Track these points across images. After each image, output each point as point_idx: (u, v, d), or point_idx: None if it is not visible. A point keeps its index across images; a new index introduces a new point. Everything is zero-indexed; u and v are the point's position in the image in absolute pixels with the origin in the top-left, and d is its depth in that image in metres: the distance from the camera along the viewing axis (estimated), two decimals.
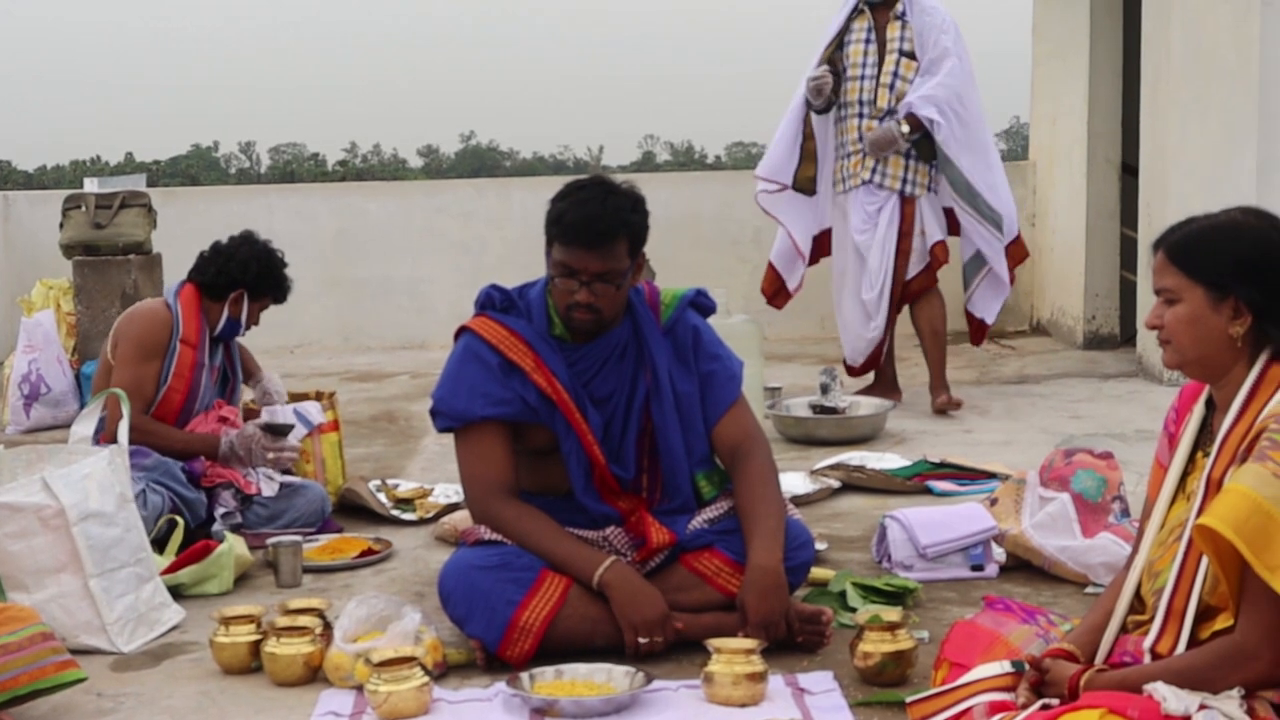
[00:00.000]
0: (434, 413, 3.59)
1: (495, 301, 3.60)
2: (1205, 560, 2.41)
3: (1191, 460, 2.60)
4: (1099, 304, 8.61)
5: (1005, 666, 2.61)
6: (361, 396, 7.49)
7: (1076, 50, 8.68)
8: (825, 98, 6.51)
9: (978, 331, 6.91)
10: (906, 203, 6.48)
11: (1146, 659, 2.50)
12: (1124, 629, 2.61)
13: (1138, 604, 2.61)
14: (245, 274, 4.71)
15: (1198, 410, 2.62)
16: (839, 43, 6.56)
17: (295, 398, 5.15)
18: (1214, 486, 2.47)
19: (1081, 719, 2.32)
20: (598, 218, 3.39)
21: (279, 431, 4.68)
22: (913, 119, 6.34)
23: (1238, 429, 2.47)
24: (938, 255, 6.58)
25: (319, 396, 5.15)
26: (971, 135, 6.46)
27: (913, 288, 6.60)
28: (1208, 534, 2.33)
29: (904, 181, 6.46)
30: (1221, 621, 2.43)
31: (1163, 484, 2.62)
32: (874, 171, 6.47)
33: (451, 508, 4.86)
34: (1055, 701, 2.48)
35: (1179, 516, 2.56)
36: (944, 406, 6.51)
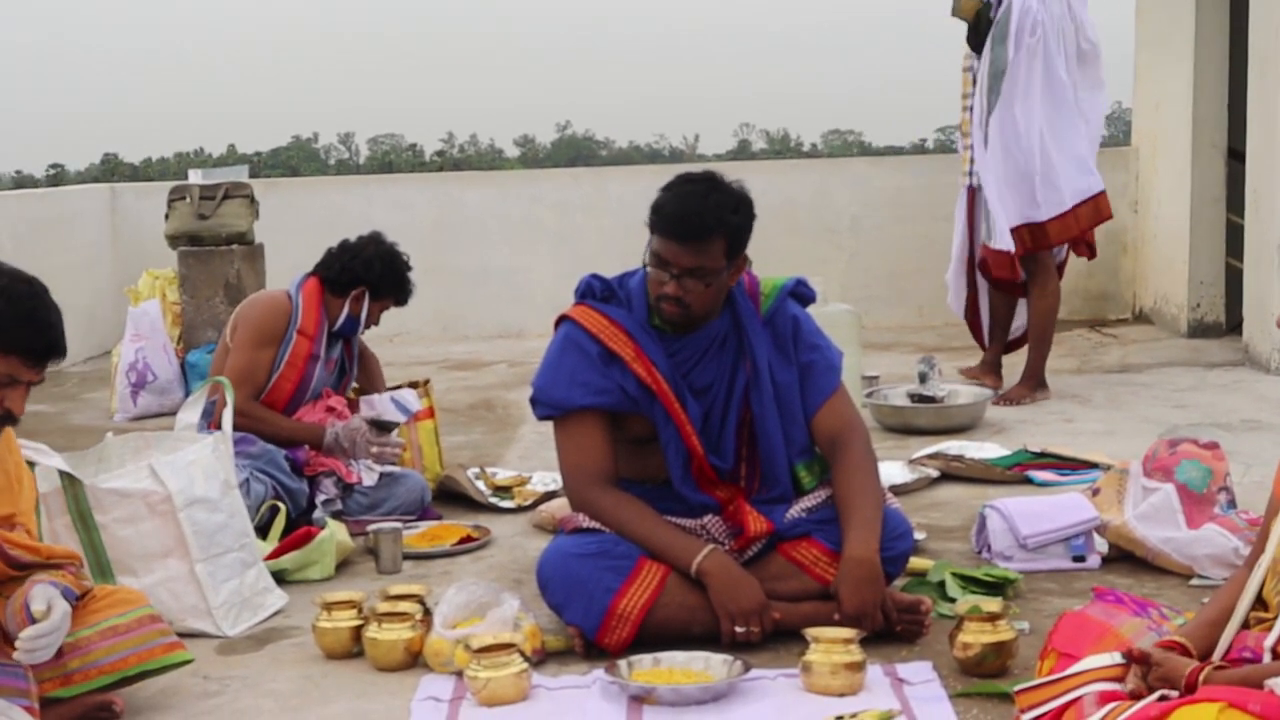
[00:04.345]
0: (534, 401, 3.60)
1: (595, 290, 3.60)
2: None
3: None
4: (1204, 292, 8.45)
5: (1116, 658, 2.57)
6: (460, 385, 7.55)
7: (1181, 33, 8.53)
8: None
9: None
10: (971, 192, 6.61)
11: (1267, 658, 2.44)
12: (1245, 625, 2.56)
13: (1259, 603, 2.56)
14: (369, 273, 4.74)
15: None
16: None
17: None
18: None
19: (1199, 712, 2.27)
20: (695, 213, 3.38)
21: (385, 427, 4.72)
22: None
23: None
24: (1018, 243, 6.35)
25: (414, 385, 5.19)
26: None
27: (993, 274, 6.54)
28: None
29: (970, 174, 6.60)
30: None
31: None
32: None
33: (549, 495, 4.89)
34: (1173, 694, 2.43)
35: None
36: (1005, 399, 6.41)
